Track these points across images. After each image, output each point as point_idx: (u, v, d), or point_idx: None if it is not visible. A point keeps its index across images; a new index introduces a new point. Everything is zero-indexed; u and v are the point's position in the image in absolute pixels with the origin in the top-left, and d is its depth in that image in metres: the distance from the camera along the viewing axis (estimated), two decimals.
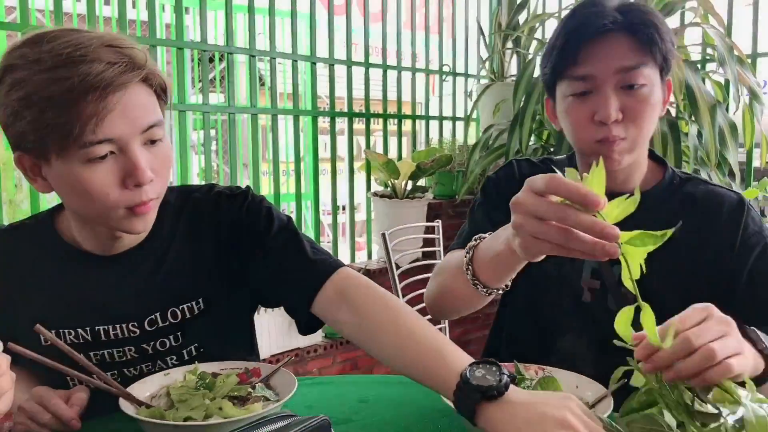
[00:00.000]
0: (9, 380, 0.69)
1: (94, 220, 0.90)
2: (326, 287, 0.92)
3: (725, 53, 2.24)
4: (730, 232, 1.05)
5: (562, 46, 1.03)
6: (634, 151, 1.04)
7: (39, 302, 0.93)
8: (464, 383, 0.73)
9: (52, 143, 0.80)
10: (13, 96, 0.80)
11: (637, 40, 0.99)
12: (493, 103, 3.22)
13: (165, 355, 0.98)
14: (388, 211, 2.95)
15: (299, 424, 0.60)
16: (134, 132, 0.83)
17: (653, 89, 1.02)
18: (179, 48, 2.46)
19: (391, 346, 0.86)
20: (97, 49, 0.80)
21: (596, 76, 1.00)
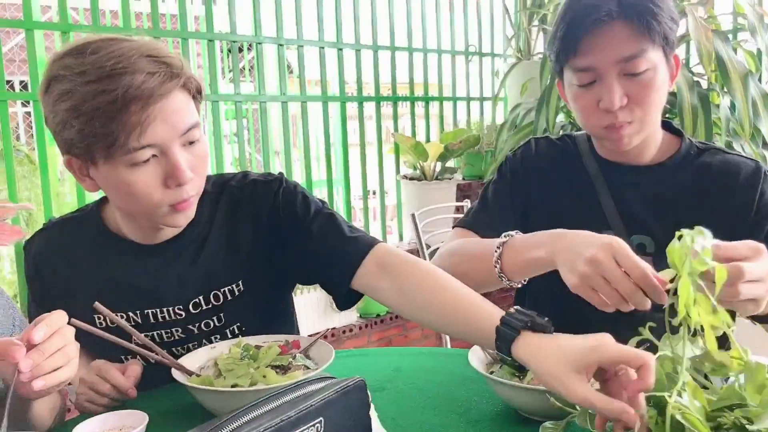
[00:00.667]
0: (75, 348, 0.75)
1: (139, 216, 0.97)
2: (366, 262, 0.98)
3: (756, 22, 2.20)
4: (746, 198, 1.07)
5: (562, 37, 1.04)
6: (642, 131, 1.06)
7: (91, 288, 1.00)
8: (516, 311, 0.78)
9: (98, 149, 0.86)
10: (61, 106, 0.86)
11: (636, 27, 1.00)
12: (520, 82, 3.21)
13: (209, 334, 1.04)
14: (417, 193, 2.98)
15: (337, 384, 0.65)
16: (174, 136, 0.88)
17: (657, 71, 1.03)
18: (210, 40, 2.53)
19: (431, 303, 0.91)
20: (138, 60, 0.85)
21: (598, 66, 1.02)
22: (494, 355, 0.94)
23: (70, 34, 2.21)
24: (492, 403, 0.89)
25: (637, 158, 1.12)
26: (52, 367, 0.72)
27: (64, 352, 0.73)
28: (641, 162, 1.13)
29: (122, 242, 1.03)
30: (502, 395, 0.87)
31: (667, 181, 1.11)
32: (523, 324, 0.76)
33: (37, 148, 2.17)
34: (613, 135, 1.05)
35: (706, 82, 2.51)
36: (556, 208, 1.16)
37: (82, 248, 1.05)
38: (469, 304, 0.87)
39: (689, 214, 1.10)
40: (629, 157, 1.12)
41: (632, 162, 1.13)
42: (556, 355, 0.71)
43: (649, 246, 1.10)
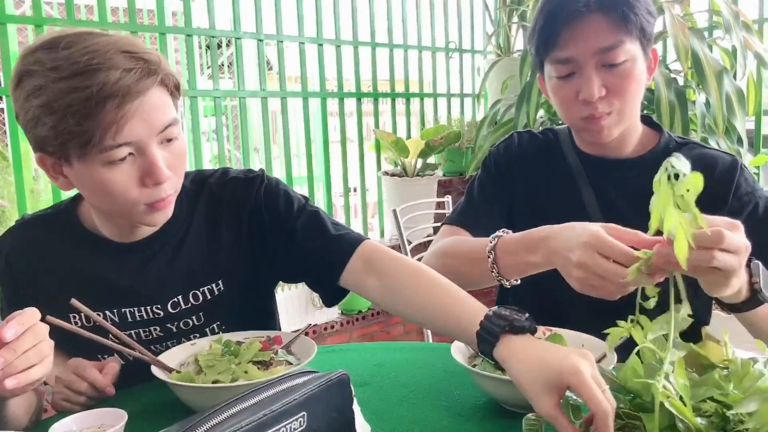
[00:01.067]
0: (49, 346, 0.74)
1: (116, 215, 0.95)
2: (353, 259, 0.97)
3: (731, 19, 2.24)
4: (722, 192, 1.08)
5: (541, 29, 1.06)
6: (621, 122, 1.08)
7: (66, 287, 0.97)
8: (493, 314, 0.78)
9: (72, 148, 0.83)
10: (33, 102, 0.82)
11: (613, 19, 1.01)
12: (501, 79, 3.22)
13: (189, 333, 1.03)
14: (398, 190, 2.98)
15: (320, 378, 0.64)
16: (152, 133, 0.85)
17: (635, 63, 1.04)
18: (188, 35, 2.50)
19: (415, 300, 0.91)
20: (114, 56, 0.82)
21: (577, 58, 1.03)
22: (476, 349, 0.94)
23: (44, 28, 2.17)
24: (475, 396, 0.90)
25: (616, 151, 1.13)
26: (25, 366, 0.70)
27: (37, 349, 0.71)
28: (621, 155, 1.14)
29: (98, 240, 1.01)
30: (485, 388, 0.87)
31: (647, 175, 1.11)
32: (501, 329, 0.76)
33: (11, 145, 2.12)
34: (592, 126, 1.06)
35: (683, 78, 2.55)
36: (539, 201, 1.18)
37: (56, 246, 1.02)
38: (452, 303, 0.87)
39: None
40: (609, 151, 1.14)
41: (612, 155, 1.14)
42: (531, 370, 0.71)
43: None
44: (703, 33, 2.47)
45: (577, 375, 0.66)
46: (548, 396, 0.68)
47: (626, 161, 1.14)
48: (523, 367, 0.72)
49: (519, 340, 0.75)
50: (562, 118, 1.13)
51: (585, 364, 0.68)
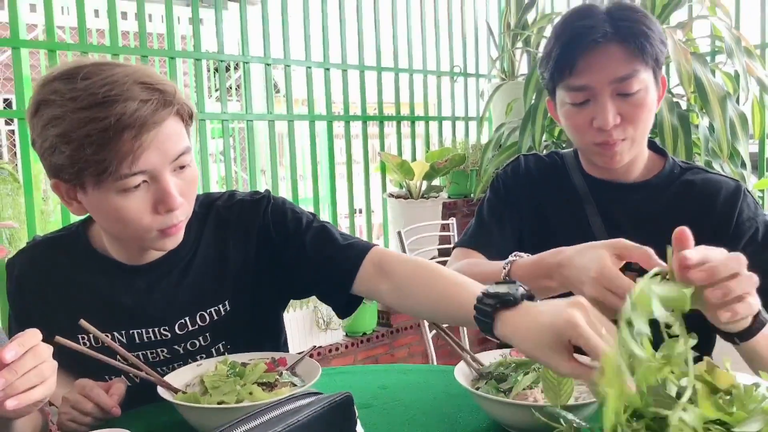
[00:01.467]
0: (51, 367, 0.74)
1: (127, 239, 0.96)
2: (364, 265, 0.99)
3: (733, 45, 2.26)
4: (725, 217, 1.09)
5: (557, 57, 1.07)
6: (633, 148, 1.09)
7: (75, 308, 0.98)
8: (483, 294, 0.78)
9: (88, 176, 0.85)
10: (51, 131, 0.84)
11: (630, 47, 1.03)
12: (505, 102, 3.25)
13: (195, 354, 1.04)
14: (403, 212, 3.00)
15: (324, 400, 0.65)
16: (166, 162, 0.87)
17: (648, 91, 1.06)
18: (197, 59, 2.55)
19: (421, 294, 0.93)
20: (131, 87, 0.84)
21: (593, 86, 1.04)
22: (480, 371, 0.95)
23: (57, 53, 2.22)
24: (477, 419, 0.90)
25: (624, 176, 1.15)
26: (26, 386, 0.70)
27: (38, 370, 0.72)
28: (628, 180, 1.15)
29: (108, 262, 1.02)
30: (488, 410, 0.87)
31: (653, 199, 1.14)
32: (493, 308, 0.76)
33: (21, 167, 2.16)
34: (606, 152, 1.08)
35: (686, 103, 2.57)
36: (546, 222, 1.19)
37: (66, 267, 1.04)
38: (453, 291, 0.88)
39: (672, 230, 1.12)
40: (616, 175, 1.15)
41: (619, 179, 1.16)
42: (531, 337, 0.71)
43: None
44: (705, 58, 2.49)
45: (573, 329, 0.66)
46: (559, 355, 0.68)
47: (632, 185, 1.15)
48: (524, 338, 0.72)
49: (513, 314, 0.75)
50: (575, 143, 1.15)
51: (578, 314, 0.67)
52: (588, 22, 1.05)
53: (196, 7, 2.51)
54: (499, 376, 0.90)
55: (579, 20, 1.07)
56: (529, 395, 0.84)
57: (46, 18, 2.17)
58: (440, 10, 3.47)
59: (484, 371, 0.94)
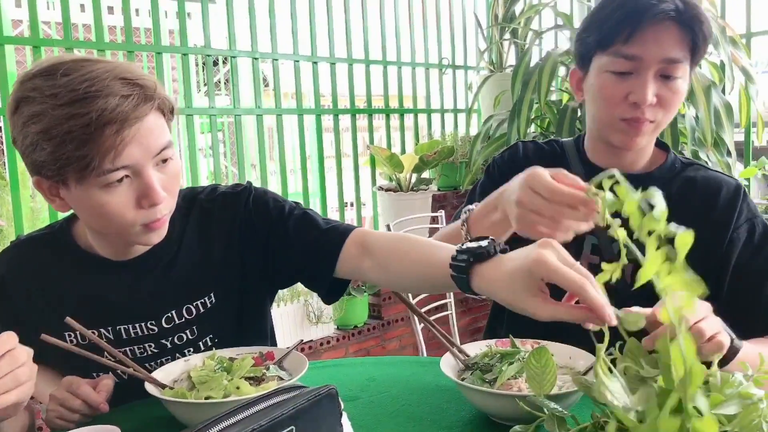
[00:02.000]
0: (27, 371, 0.74)
1: (111, 235, 0.97)
2: (347, 246, 1.00)
3: (718, 35, 2.28)
4: (726, 215, 1.10)
5: (619, 19, 1.04)
6: (654, 133, 1.09)
7: (62, 306, 0.99)
8: (458, 252, 0.79)
9: (70, 172, 0.85)
10: (32, 128, 0.84)
11: (688, 34, 1.02)
12: (493, 94, 3.26)
13: (183, 347, 1.04)
14: (393, 204, 3.01)
15: (308, 393, 0.66)
16: (148, 156, 0.88)
17: (685, 83, 1.06)
18: (184, 54, 2.53)
19: (401, 265, 0.93)
20: (111, 82, 0.84)
21: (643, 58, 1.03)
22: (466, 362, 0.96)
23: (42, 49, 2.20)
24: (464, 409, 0.91)
25: (628, 166, 1.14)
26: (1, 391, 0.71)
27: (13, 375, 0.72)
28: (632, 170, 1.15)
29: (93, 259, 1.02)
30: (473, 401, 0.88)
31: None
32: (467, 263, 0.76)
33: (8, 164, 2.14)
34: (632, 129, 1.06)
35: None
36: None
37: (51, 266, 1.04)
38: (431, 255, 0.87)
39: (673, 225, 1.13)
40: (621, 164, 1.14)
41: (622, 169, 1.15)
42: (506, 285, 0.71)
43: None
44: None
45: (544, 265, 0.67)
46: (534, 298, 0.68)
47: (635, 176, 1.14)
48: (500, 288, 0.72)
49: (487, 266, 0.75)
50: (599, 115, 1.11)
51: (546, 252, 0.68)
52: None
53: (182, 2, 2.49)
54: (484, 366, 0.92)
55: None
56: (513, 385, 0.85)
57: (30, 13, 2.15)
58: (428, 2, 3.46)
59: (469, 362, 0.95)
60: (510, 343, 0.99)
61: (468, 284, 0.76)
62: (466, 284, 0.77)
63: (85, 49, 2.40)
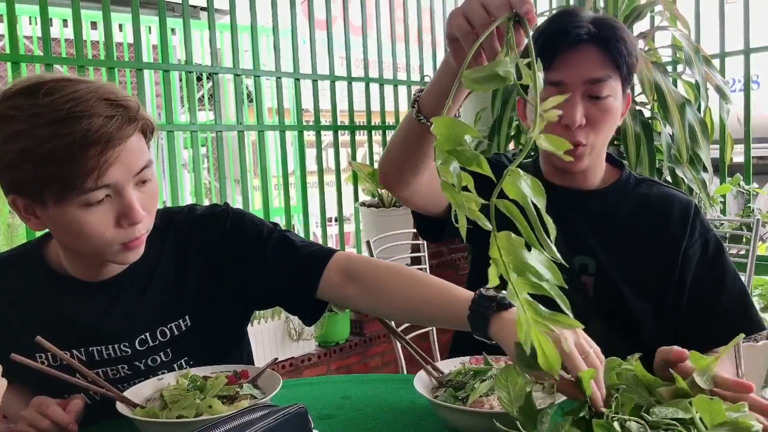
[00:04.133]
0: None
1: (87, 254, 0.95)
2: (328, 271, 1.00)
3: (692, 54, 2.33)
4: (679, 231, 1.14)
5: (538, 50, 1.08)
6: (592, 154, 1.13)
7: (33, 327, 0.96)
8: (479, 297, 0.84)
9: (50, 191, 0.84)
10: (11, 147, 0.83)
11: (607, 53, 1.07)
12: (474, 111, 3.29)
13: (157, 370, 1.03)
14: (375, 220, 3.01)
15: (277, 412, 0.66)
16: (129, 176, 0.88)
17: (616, 100, 1.10)
18: (165, 70, 2.53)
19: (402, 297, 0.96)
20: (95, 103, 0.84)
21: (567, 83, 1.07)
22: (440, 379, 0.96)
23: (22, 65, 2.19)
24: (438, 427, 0.91)
25: (582, 184, 1.18)
26: None
27: None
28: (585, 187, 1.19)
29: (65, 280, 1.01)
30: (446, 418, 0.88)
31: (609, 207, 1.18)
32: (490, 309, 0.82)
33: None
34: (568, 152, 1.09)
35: (649, 111, 2.63)
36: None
37: (22, 286, 1.02)
38: (440, 295, 0.92)
39: (628, 239, 1.16)
40: (575, 182, 1.18)
41: (576, 187, 1.19)
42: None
43: (591, 267, 1.15)
44: (666, 67, 2.56)
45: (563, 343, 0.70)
46: None
47: (590, 192, 1.19)
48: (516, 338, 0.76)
49: (507, 316, 0.81)
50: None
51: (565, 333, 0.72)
52: (573, 20, 1.09)
53: (164, 18, 2.50)
54: (457, 384, 0.92)
55: (565, 18, 1.11)
56: (485, 402, 0.86)
57: (9, 29, 2.14)
58: (410, 21, 3.50)
59: (443, 379, 0.95)
60: (483, 361, 1.00)
61: (486, 328, 0.81)
62: (485, 329, 0.82)
63: (66, 65, 2.40)
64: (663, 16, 2.56)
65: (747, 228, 2.36)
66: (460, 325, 0.87)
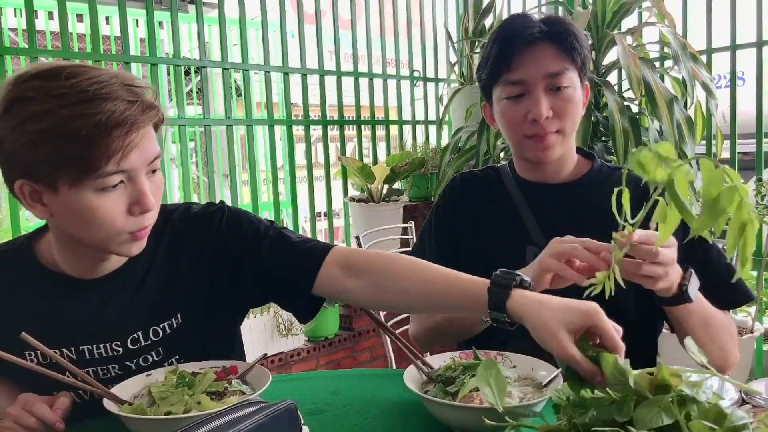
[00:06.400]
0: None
1: (92, 245, 0.94)
2: (326, 265, 1.00)
3: (679, 51, 2.34)
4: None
5: (497, 54, 1.16)
6: (563, 142, 1.18)
7: (21, 325, 0.94)
8: (502, 271, 0.85)
9: (67, 173, 0.84)
10: (30, 127, 0.83)
11: (560, 47, 1.14)
12: (464, 107, 3.29)
13: (148, 369, 1.01)
14: (365, 215, 3.01)
15: (267, 408, 0.66)
16: (144, 163, 0.89)
17: (576, 90, 1.16)
18: (153, 64, 2.51)
19: (411, 285, 0.95)
20: (118, 88, 0.86)
21: (528, 80, 1.14)
22: (429, 374, 0.96)
23: (7, 57, 2.16)
24: (427, 422, 0.91)
25: (554, 176, 1.22)
26: None
27: None
28: (558, 180, 1.23)
29: (57, 277, 1.00)
30: (436, 413, 0.89)
31: (583, 197, 1.21)
32: (514, 281, 0.83)
33: None
34: (539, 144, 1.16)
35: (637, 106, 2.64)
36: (482, 231, 1.26)
37: (11, 283, 1.01)
38: (451, 278, 0.93)
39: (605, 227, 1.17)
40: (547, 176, 1.23)
41: (550, 180, 1.23)
42: (553, 312, 0.77)
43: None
44: (654, 63, 2.57)
45: (599, 316, 0.74)
46: (568, 334, 0.75)
47: (563, 185, 1.23)
48: (544, 309, 0.78)
49: (530, 294, 0.82)
50: (508, 138, 1.22)
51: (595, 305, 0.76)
52: (525, 21, 1.16)
53: (151, 10, 2.47)
54: (447, 379, 0.92)
55: (516, 21, 1.18)
56: (475, 397, 0.86)
57: None
58: (400, 16, 3.49)
59: (433, 374, 0.96)
60: (473, 355, 1.00)
61: (505, 299, 0.82)
62: (502, 302, 0.82)
63: (52, 58, 2.36)
64: (651, 12, 2.57)
65: None
66: (471, 305, 0.88)
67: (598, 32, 2.67)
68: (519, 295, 0.82)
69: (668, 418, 0.62)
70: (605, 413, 0.64)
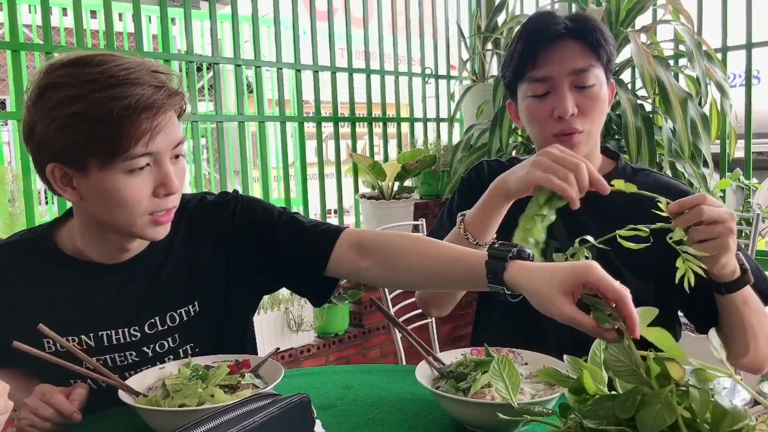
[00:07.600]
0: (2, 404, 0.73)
1: (117, 229, 0.97)
2: (339, 247, 1.03)
3: (693, 49, 2.32)
4: None
5: (522, 51, 1.15)
6: (588, 141, 1.16)
7: (41, 312, 0.98)
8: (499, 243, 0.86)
9: (98, 155, 0.88)
10: (64, 111, 0.87)
11: (586, 44, 1.13)
12: (475, 104, 3.29)
13: (163, 356, 1.04)
14: (375, 212, 3.01)
15: (280, 401, 0.66)
16: (169, 147, 0.93)
17: (601, 87, 1.15)
18: (166, 60, 2.52)
19: (418, 262, 0.98)
20: (146, 73, 0.90)
21: (554, 77, 1.13)
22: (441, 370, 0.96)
23: (21, 53, 2.18)
24: (439, 418, 0.92)
25: None
26: None
27: None
28: None
29: (78, 263, 1.02)
30: (448, 409, 0.89)
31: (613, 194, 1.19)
32: (510, 253, 0.83)
33: None
34: (564, 142, 1.14)
35: (650, 105, 2.62)
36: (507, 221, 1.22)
37: (31, 271, 1.03)
38: (452, 252, 0.95)
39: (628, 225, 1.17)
40: None
41: None
42: (546, 276, 0.77)
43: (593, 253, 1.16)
44: (668, 61, 2.55)
45: (593, 271, 0.73)
46: (565, 296, 0.74)
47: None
48: (537, 277, 0.78)
49: (526, 263, 0.82)
50: (534, 136, 1.20)
51: (595, 263, 0.75)
52: (550, 18, 1.15)
53: (165, 7, 2.49)
54: (459, 375, 0.92)
55: (540, 18, 1.18)
56: (487, 393, 0.86)
57: (9, 17, 2.13)
58: (411, 13, 3.49)
59: (444, 370, 0.96)
60: (485, 352, 1.00)
61: (502, 270, 0.82)
62: (500, 272, 0.82)
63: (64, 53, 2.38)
64: (665, 10, 2.55)
65: (746, 223, 2.37)
66: (475, 278, 0.88)
67: (612, 30, 2.66)
68: (514, 267, 0.82)
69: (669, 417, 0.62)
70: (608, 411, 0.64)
